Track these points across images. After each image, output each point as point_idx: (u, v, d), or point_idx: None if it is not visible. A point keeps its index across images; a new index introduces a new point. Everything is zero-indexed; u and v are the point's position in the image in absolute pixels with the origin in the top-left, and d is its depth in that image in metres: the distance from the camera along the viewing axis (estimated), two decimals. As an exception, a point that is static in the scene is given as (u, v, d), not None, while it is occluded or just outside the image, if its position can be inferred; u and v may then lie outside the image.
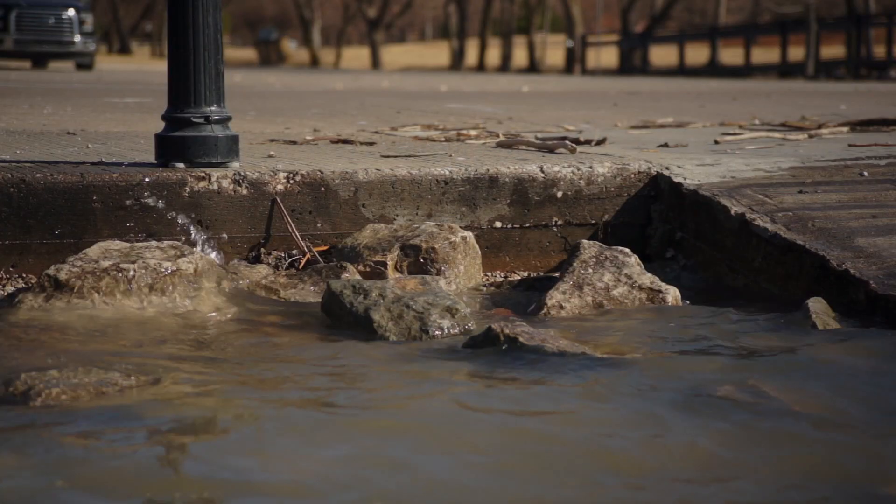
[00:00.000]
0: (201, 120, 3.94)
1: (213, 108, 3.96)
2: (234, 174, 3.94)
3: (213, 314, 3.44)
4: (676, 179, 4.30)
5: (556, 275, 3.89)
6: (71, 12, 22.43)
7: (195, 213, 3.88)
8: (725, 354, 3.11)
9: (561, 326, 3.43)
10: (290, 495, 2.09)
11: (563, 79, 26.27)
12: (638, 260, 3.79)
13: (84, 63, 22.99)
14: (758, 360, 3.05)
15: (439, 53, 61.46)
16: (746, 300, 3.80)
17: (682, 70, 35.17)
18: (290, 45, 63.87)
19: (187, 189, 3.88)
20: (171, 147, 3.96)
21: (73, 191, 3.76)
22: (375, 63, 52.49)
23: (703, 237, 4.13)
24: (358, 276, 3.68)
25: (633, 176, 4.37)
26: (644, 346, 3.20)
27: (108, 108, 8.26)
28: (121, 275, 3.36)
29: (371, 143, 5.26)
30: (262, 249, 3.96)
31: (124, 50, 60.86)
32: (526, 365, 2.94)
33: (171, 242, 3.64)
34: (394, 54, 62.23)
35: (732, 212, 3.97)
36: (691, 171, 4.39)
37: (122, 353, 3.02)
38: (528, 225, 4.27)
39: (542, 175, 4.29)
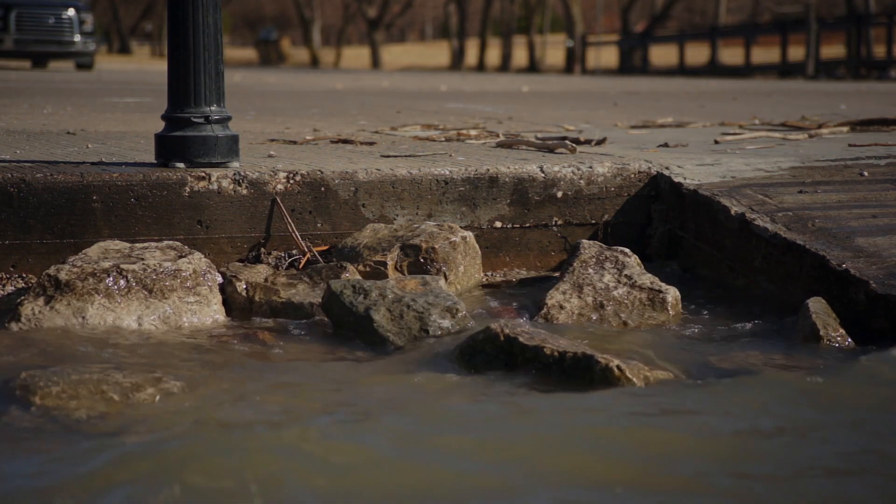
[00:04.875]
0: (201, 120, 3.94)
1: (213, 108, 3.96)
2: (234, 174, 3.94)
3: (213, 314, 3.43)
4: (676, 179, 4.29)
5: (556, 275, 3.89)
6: (71, 12, 22.42)
7: (195, 213, 3.88)
8: (725, 354, 3.11)
9: (561, 326, 3.43)
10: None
11: (562, 79, 26.27)
12: (638, 260, 3.79)
13: (84, 63, 22.98)
14: (757, 359, 3.04)
15: (439, 53, 61.43)
16: (746, 300, 3.80)
17: (682, 70, 35.15)
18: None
19: (187, 189, 3.88)
20: (171, 147, 3.96)
21: (73, 191, 3.76)
22: (375, 63, 52.48)
23: (703, 237, 4.13)
24: (358, 276, 3.68)
25: (633, 176, 4.37)
26: (644, 345, 3.20)
27: (108, 107, 8.26)
28: (121, 276, 3.36)
29: (371, 143, 5.26)
30: (262, 249, 3.96)
31: (124, 50, 60.84)
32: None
33: (170, 243, 3.64)
34: (394, 54, 62.20)
35: (732, 212, 3.96)
36: (691, 171, 4.39)
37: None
38: (528, 225, 4.27)
39: (542, 175, 4.29)
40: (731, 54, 39.24)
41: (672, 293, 3.64)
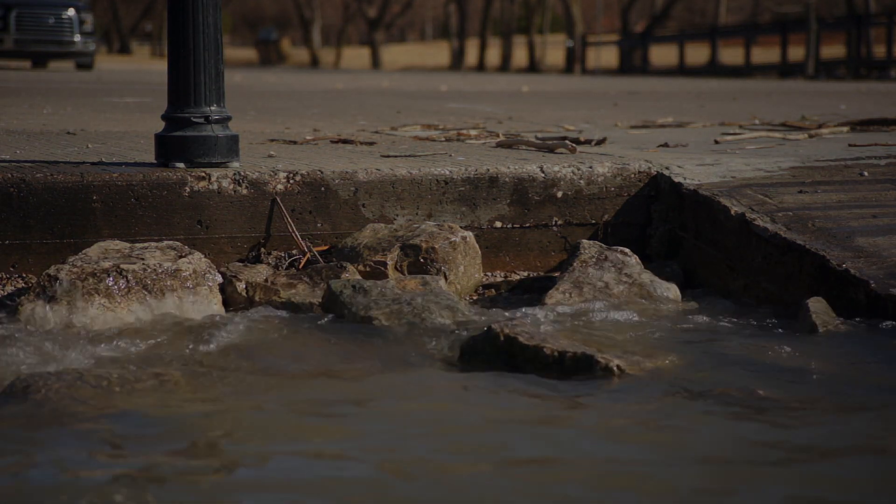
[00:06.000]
0: (201, 120, 3.94)
1: (213, 108, 3.96)
2: (234, 174, 3.94)
3: (213, 315, 3.43)
4: (676, 179, 4.29)
5: (557, 275, 3.89)
6: (71, 12, 22.42)
7: (195, 213, 3.88)
8: (724, 354, 3.11)
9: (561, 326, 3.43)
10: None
11: (563, 79, 26.27)
12: (638, 260, 3.79)
13: (84, 63, 22.98)
14: (756, 359, 3.05)
15: (439, 53, 61.42)
16: (746, 300, 3.80)
17: (682, 70, 35.15)
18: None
19: (187, 189, 3.88)
20: (171, 147, 3.96)
21: (73, 191, 3.76)
22: (375, 63, 52.50)
23: (703, 237, 4.13)
24: (358, 276, 3.68)
25: (633, 176, 4.37)
26: (644, 345, 3.20)
27: (107, 107, 8.26)
28: (121, 276, 3.36)
29: (371, 143, 5.26)
30: (262, 249, 3.96)
31: (124, 50, 60.85)
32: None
33: (170, 243, 3.64)
34: (394, 54, 62.19)
35: (732, 212, 3.96)
36: (691, 171, 4.38)
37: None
38: (528, 225, 4.27)
39: (542, 175, 4.29)
40: (731, 54, 39.24)
41: (672, 293, 3.65)
